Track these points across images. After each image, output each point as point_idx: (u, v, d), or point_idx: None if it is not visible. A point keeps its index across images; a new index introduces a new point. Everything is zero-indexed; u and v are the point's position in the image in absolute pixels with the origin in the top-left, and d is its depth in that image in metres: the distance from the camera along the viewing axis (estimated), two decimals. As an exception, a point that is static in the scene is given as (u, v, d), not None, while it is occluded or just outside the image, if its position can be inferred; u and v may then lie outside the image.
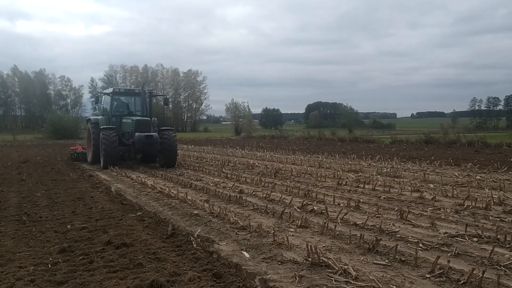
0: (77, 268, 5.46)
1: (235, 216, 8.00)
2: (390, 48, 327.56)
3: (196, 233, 7.00)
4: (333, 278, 5.04)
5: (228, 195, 10.55)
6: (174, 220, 8.16)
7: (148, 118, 18.26)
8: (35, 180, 14.16)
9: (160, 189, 11.59)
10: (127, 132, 18.36)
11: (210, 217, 8.35)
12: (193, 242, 6.48)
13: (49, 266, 5.58)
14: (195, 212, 8.67)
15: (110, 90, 20.17)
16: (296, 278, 5.05)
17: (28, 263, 5.69)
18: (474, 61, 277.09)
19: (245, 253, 6.07)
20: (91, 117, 20.60)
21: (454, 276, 5.08)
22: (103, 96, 21.13)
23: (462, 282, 4.91)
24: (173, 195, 10.65)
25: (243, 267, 5.40)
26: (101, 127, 18.40)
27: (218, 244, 6.58)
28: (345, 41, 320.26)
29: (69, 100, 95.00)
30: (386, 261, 5.68)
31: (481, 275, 4.86)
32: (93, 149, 19.20)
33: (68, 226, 7.63)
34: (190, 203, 9.66)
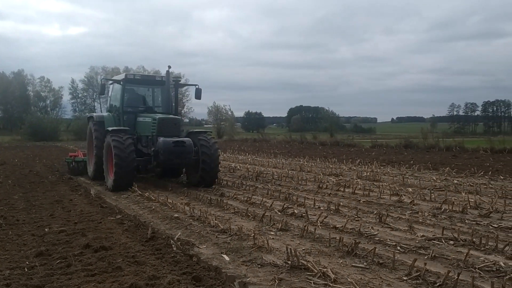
0: (54, 272, 5.40)
1: (215, 219, 7.99)
2: (367, 53, 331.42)
3: (176, 236, 6.98)
4: (312, 281, 5.08)
5: (209, 198, 10.53)
6: (154, 223, 8.12)
7: (177, 117, 13.27)
8: (12, 182, 13.91)
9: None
10: (145, 136, 13.13)
11: (191, 220, 8.33)
12: (173, 245, 6.46)
13: (26, 270, 5.50)
14: (176, 215, 8.63)
15: (121, 76, 14.32)
16: (275, 281, 5.07)
17: (4, 266, 5.60)
18: (450, 67, 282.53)
19: (225, 256, 6.07)
20: (94, 114, 15.24)
21: (430, 279, 5.16)
22: (111, 85, 15.17)
23: (438, 284, 5.00)
24: (153, 198, 10.58)
25: (223, 270, 5.40)
26: (109, 128, 12.94)
27: (198, 247, 6.57)
28: (323, 46, 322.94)
29: (48, 102, 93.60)
30: (365, 264, 5.75)
31: (457, 277, 4.96)
32: (95, 159, 13.82)
33: (46, 229, 7.53)
34: (170, 206, 9.62)
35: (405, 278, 5.21)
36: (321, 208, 9.46)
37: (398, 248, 6.48)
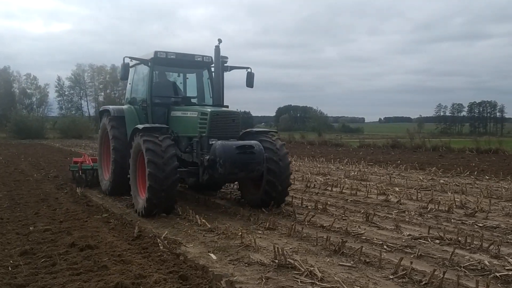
0: (39, 271, 5.32)
1: (203, 218, 7.96)
2: (352, 53, 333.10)
3: (163, 235, 6.94)
4: (299, 280, 5.09)
5: (196, 197, 10.48)
6: (141, 222, 8.05)
7: (236, 111, 9.72)
8: (-4, 180, 13.71)
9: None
10: (185, 137, 9.59)
11: (178, 219, 8.29)
12: (159, 244, 6.42)
13: (10, 269, 5.42)
14: (163, 214, 8.57)
15: (149, 54, 10.22)
16: (262, 280, 5.07)
17: (-13, 266, 5.51)
18: (435, 68, 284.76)
19: (212, 255, 6.05)
20: (110, 107, 11.21)
21: (416, 277, 5.20)
22: (135, 68, 11.04)
23: (424, 283, 5.03)
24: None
25: (210, 269, 5.38)
26: (139, 126, 9.16)
27: (185, 246, 6.54)
28: (308, 46, 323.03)
29: (34, 99, 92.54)
30: (351, 262, 5.77)
31: (442, 276, 5.00)
32: (113, 167, 10.50)
33: (31, 228, 7.43)
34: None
35: (391, 277, 5.24)
36: (309, 207, 9.48)
37: (385, 247, 6.51)
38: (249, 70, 10.73)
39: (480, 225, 7.94)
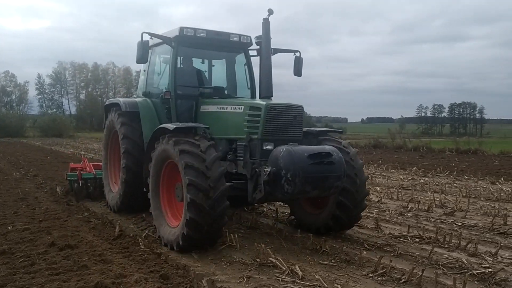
0: (17, 271, 5.25)
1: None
2: (335, 54, 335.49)
3: (144, 234, 6.90)
4: (280, 278, 5.11)
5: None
6: (122, 221, 7.99)
7: (300, 105, 7.05)
8: (-26, 179, 13.45)
9: None
10: (225, 140, 7.30)
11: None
12: (140, 243, 6.38)
13: (-13, 269, 5.33)
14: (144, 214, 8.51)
15: (173, 31, 8.00)
16: (244, 279, 5.08)
17: (-36, 266, 5.41)
18: (415, 69, 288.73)
19: (193, 254, 6.04)
20: (121, 100, 8.77)
21: (395, 275, 5.27)
22: (152, 51, 8.60)
23: (403, 280, 5.11)
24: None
25: (191, 268, 5.37)
26: (169, 126, 6.70)
27: (167, 245, 6.51)
28: (290, 45, 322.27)
29: (14, 97, 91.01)
30: (332, 261, 5.82)
31: (421, 274, 5.09)
32: (125, 177, 8.21)
33: (9, 228, 7.31)
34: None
35: (371, 275, 5.31)
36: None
37: (365, 245, 6.59)
38: (297, 54, 8.50)
39: (459, 224, 8.08)
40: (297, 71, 8.56)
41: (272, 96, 7.49)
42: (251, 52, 8.58)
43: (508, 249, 6.55)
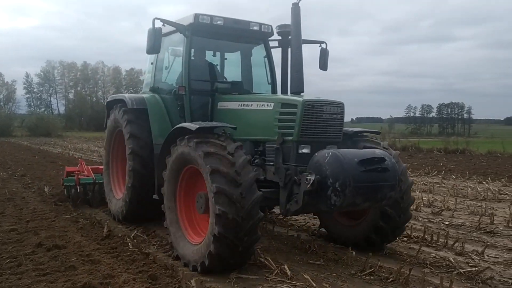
0: (3, 272, 5.20)
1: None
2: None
3: (133, 235, 6.87)
4: (269, 278, 5.12)
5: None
6: (110, 221, 7.94)
7: (341, 101, 6.15)
8: (-40, 179, 13.29)
9: None
10: (246, 141, 6.30)
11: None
12: (129, 243, 6.35)
13: (-27, 270, 5.27)
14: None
15: (187, 19, 7.10)
16: (232, 279, 5.07)
17: (-51, 267, 5.35)
18: (404, 70, 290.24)
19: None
20: (126, 96, 7.95)
21: (383, 274, 5.30)
22: (165, 39, 7.44)
23: (391, 279, 5.14)
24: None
25: (180, 268, 5.36)
26: (190, 126, 5.80)
27: (154, 245, 6.49)
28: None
29: (1, 96, 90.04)
30: (321, 260, 5.84)
31: (408, 272, 5.12)
32: (132, 181, 7.40)
33: (-4, 228, 7.24)
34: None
35: (359, 274, 5.34)
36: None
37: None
38: (323, 45, 7.70)
39: (446, 223, 8.16)
40: (323, 65, 7.72)
41: (303, 92, 6.56)
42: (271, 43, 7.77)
43: (495, 248, 6.63)
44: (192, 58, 7.26)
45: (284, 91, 7.40)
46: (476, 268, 5.54)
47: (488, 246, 6.54)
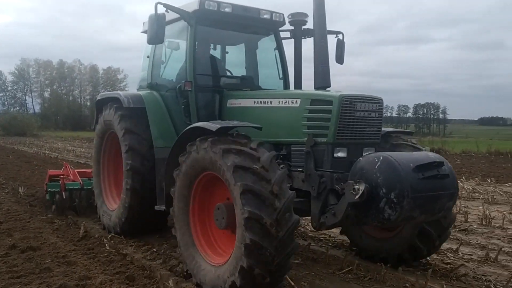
0: (-24, 275, 5.08)
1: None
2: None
3: (110, 235, 6.79)
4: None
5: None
6: (87, 222, 7.82)
7: (380, 97, 5.46)
8: None
9: None
10: (265, 144, 4.88)
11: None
12: (106, 244, 6.28)
13: None
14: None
15: (192, 5, 6.24)
16: (211, 279, 5.04)
17: None
18: (380, 70, 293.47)
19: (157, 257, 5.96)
20: (121, 94, 6.94)
21: (361, 273, 5.35)
22: (169, 26, 6.56)
23: (368, 278, 5.20)
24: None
25: (157, 269, 5.31)
26: (209, 126, 4.82)
27: (132, 245, 6.42)
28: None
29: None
30: (299, 259, 5.86)
31: (385, 271, 5.19)
32: (130, 189, 6.49)
33: (-33, 230, 7.06)
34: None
35: (337, 273, 5.38)
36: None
37: (330, 244, 6.68)
38: (339, 36, 7.02)
39: (422, 221, 8.27)
40: (339, 57, 7.08)
41: (330, 87, 5.64)
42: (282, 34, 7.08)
43: (469, 245, 6.76)
44: (200, 47, 6.52)
45: (297, 88, 6.74)
46: (451, 266, 5.65)
47: (463, 243, 6.66)
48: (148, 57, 7.28)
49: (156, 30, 5.89)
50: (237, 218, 4.34)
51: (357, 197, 4.41)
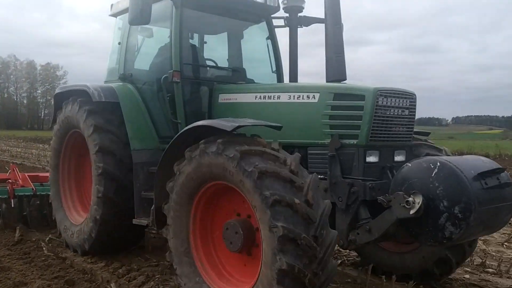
0: None
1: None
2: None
3: (47, 238, 6.53)
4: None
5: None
6: (23, 225, 7.45)
7: (413, 92, 4.63)
8: None
9: None
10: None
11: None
12: (44, 248, 6.04)
13: None
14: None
15: None
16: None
17: None
18: (322, 72, 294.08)
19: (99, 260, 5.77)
20: (89, 86, 5.67)
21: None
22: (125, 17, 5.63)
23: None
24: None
25: (98, 272, 5.18)
26: (209, 124, 4.00)
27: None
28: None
29: None
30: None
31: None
32: (104, 191, 5.28)
33: None
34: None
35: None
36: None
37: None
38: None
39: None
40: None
41: (345, 80, 4.92)
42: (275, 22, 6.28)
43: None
44: (182, 35, 5.47)
45: (292, 82, 6.05)
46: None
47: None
48: (119, 43, 6.12)
49: (141, 7, 4.92)
50: (263, 237, 3.51)
51: (412, 211, 3.69)
